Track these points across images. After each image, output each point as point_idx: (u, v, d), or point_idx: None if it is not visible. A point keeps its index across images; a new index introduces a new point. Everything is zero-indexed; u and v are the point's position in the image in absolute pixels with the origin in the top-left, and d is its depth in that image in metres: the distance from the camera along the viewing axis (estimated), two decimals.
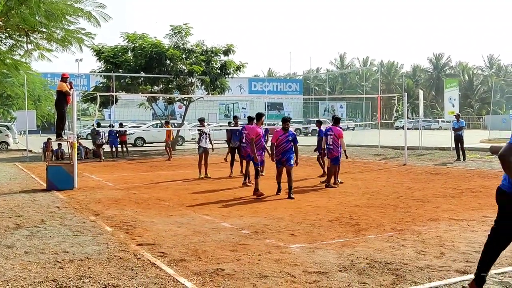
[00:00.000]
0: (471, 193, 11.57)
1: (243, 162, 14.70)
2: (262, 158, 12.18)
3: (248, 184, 13.34)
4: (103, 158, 23.59)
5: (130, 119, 38.50)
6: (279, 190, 11.57)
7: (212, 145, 15.88)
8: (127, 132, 29.12)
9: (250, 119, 14.04)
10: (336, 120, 13.78)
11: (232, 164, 15.95)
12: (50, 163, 14.23)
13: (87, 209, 10.05)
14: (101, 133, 24.30)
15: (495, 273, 5.53)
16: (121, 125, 27.82)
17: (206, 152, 15.56)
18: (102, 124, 26.10)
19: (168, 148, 24.15)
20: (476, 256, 6.22)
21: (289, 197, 11.03)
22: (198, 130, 16.16)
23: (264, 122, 12.24)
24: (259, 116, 12.08)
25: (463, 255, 6.26)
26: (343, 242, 7.02)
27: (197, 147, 15.64)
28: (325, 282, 5.33)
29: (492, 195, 10.95)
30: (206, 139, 15.56)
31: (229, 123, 20.44)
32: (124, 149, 26.57)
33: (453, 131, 21.33)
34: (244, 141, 13.97)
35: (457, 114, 21.94)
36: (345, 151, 13.42)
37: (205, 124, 16.65)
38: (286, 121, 11.57)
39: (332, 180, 13.12)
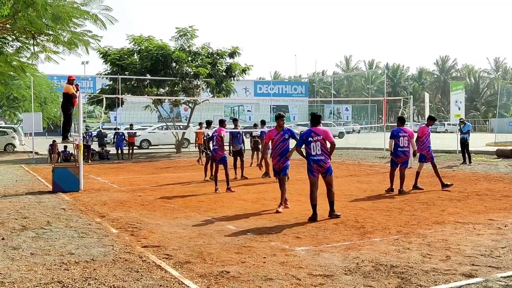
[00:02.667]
0: (477, 196, 11.52)
1: (213, 166, 14.58)
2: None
3: (217, 192, 12.73)
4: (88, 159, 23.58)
5: (135, 121, 38.59)
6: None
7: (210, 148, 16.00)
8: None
9: (221, 122, 13.86)
10: (401, 120, 12.87)
11: (235, 167, 15.99)
12: (56, 165, 14.28)
13: (92, 211, 10.07)
14: (90, 135, 24.53)
15: (501, 277, 5.50)
16: (131, 126, 27.82)
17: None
18: (108, 126, 26.19)
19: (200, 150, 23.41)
20: (482, 259, 6.20)
21: (277, 211, 9.60)
22: (206, 134, 16.14)
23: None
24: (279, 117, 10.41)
25: (469, 259, 6.24)
26: (348, 245, 7.00)
27: (209, 152, 15.61)
28: (330, 285, 5.33)
29: (498, 199, 10.96)
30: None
31: (255, 125, 20.49)
32: (131, 151, 26.56)
33: (459, 133, 21.23)
34: (214, 143, 13.39)
35: (461, 118, 21.87)
36: (414, 151, 12.72)
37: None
38: (279, 117, 10.18)
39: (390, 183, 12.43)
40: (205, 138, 16.09)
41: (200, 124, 24.20)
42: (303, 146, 9.22)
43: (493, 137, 35.29)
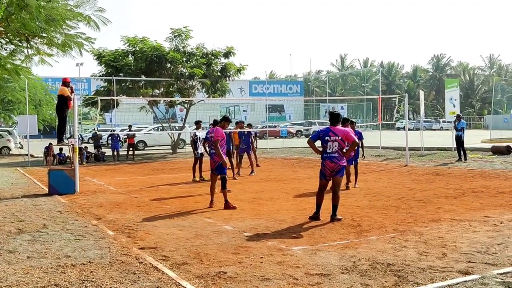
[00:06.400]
0: (472, 193, 11.56)
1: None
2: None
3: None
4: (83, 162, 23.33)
5: (131, 123, 38.55)
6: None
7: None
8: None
9: (215, 122, 13.74)
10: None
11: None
12: (51, 168, 14.25)
13: (89, 213, 10.05)
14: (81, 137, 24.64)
15: (498, 273, 5.52)
16: (130, 127, 27.69)
17: (201, 156, 15.63)
18: (104, 128, 26.10)
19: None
20: (478, 256, 6.22)
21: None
22: (193, 135, 16.15)
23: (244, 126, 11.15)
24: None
25: (465, 256, 6.26)
26: (345, 244, 7.01)
27: (197, 152, 15.60)
28: (327, 284, 5.33)
29: (493, 195, 11.00)
30: (200, 144, 15.68)
31: (249, 125, 20.45)
32: (130, 152, 26.44)
33: (454, 130, 21.27)
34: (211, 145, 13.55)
35: (457, 114, 21.94)
36: None
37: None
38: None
39: None
40: (192, 138, 16.05)
41: (238, 123, 22.56)
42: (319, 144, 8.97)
43: (488, 134, 35.38)
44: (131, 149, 26.63)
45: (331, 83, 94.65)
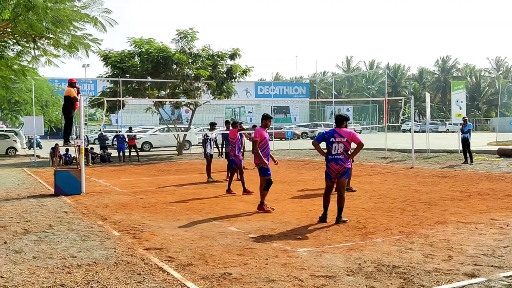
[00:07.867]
0: (479, 196, 11.51)
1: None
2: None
3: (233, 192, 12.81)
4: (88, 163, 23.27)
5: (137, 124, 38.67)
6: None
7: (218, 149, 16.37)
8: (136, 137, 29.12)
9: (227, 123, 14.13)
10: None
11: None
12: (57, 168, 14.30)
13: (94, 214, 10.08)
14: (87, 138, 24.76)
15: (504, 276, 5.50)
16: (130, 129, 27.82)
17: (211, 157, 15.81)
18: (109, 129, 26.17)
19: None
20: (484, 259, 6.19)
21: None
22: (205, 135, 16.30)
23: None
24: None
25: (471, 258, 6.23)
26: (350, 246, 7.00)
27: (207, 152, 15.81)
28: (332, 286, 5.32)
29: (500, 198, 10.95)
30: (212, 145, 15.83)
31: (254, 126, 20.51)
32: (133, 153, 26.57)
33: (460, 133, 21.21)
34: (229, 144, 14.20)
35: (463, 118, 21.89)
36: None
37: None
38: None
39: None
40: (204, 138, 16.18)
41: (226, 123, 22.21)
42: (324, 145, 8.95)
43: (494, 136, 35.26)
44: (133, 150, 26.78)
45: (337, 84, 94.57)
